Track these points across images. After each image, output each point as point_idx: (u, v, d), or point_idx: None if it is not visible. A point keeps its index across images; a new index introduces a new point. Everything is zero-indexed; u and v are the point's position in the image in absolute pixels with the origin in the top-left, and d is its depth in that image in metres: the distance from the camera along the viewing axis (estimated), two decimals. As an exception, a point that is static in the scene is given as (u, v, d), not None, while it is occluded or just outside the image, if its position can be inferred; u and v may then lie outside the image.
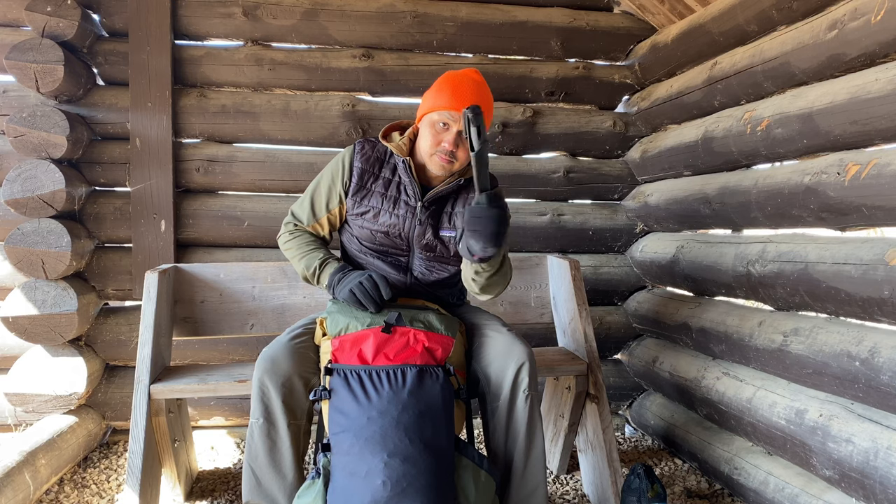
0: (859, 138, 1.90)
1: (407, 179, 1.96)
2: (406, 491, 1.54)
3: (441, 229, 1.99)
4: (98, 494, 2.42)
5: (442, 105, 1.86)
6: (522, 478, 1.86)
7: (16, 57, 2.54)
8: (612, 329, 3.21)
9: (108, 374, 2.90)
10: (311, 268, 1.99)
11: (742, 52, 2.43)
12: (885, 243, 1.81)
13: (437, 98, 1.88)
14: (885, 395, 1.73)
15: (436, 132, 1.89)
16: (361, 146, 2.02)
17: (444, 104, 1.86)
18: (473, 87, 1.89)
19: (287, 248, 2.07)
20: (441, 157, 1.89)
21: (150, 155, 2.84)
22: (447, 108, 1.85)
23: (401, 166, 1.96)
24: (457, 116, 1.85)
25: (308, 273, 2.00)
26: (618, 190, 3.26)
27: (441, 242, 2.00)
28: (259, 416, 1.80)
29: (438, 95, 1.89)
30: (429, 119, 1.90)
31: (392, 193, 1.97)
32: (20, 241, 2.57)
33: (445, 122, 1.87)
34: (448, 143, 1.87)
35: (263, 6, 2.94)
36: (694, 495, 2.47)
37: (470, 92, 1.87)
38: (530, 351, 1.87)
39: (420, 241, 1.98)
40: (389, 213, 1.96)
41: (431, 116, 1.89)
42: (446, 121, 1.87)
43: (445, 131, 1.88)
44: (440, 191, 1.96)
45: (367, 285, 1.84)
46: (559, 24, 3.14)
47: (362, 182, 1.98)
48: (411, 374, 1.70)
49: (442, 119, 1.87)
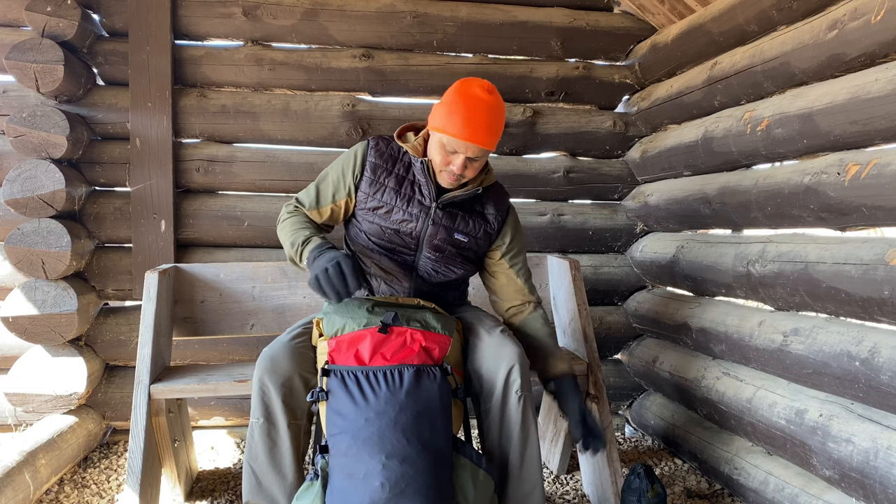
0: (859, 138, 1.90)
1: (423, 180, 1.95)
2: (405, 492, 1.54)
3: (455, 232, 1.99)
4: (98, 494, 2.42)
5: (452, 132, 1.82)
6: (519, 477, 1.86)
7: (16, 57, 2.55)
8: (612, 329, 3.21)
9: (108, 374, 2.90)
10: (294, 244, 1.90)
11: (742, 52, 2.43)
12: (885, 243, 1.80)
13: (448, 121, 1.83)
14: (885, 395, 1.73)
15: (445, 153, 1.87)
16: (376, 142, 2.01)
17: (454, 132, 1.81)
18: (486, 116, 1.82)
19: (281, 227, 2.00)
20: (449, 175, 1.89)
21: (150, 155, 2.84)
22: (457, 137, 1.81)
23: (418, 167, 1.95)
24: (464, 147, 1.82)
25: (292, 251, 1.91)
26: (618, 190, 3.26)
27: (452, 245, 2.00)
28: (259, 415, 1.80)
29: (449, 118, 1.82)
30: (438, 138, 1.87)
31: (406, 192, 1.96)
32: (20, 241, 2.57)
33: (454, 149, 1.85)
34: (457, 167, 1.86)
35: (263, 6, 2.94)
36: (694, 495, 2.47)
37: (483, 123, 1.81)
38: (521, 351, 1.87)
39: (431, 241, 1.98)
40: (403, 211, 1.96)
41: (442, 137, 1.85)
42: (455, 148, 1.84)
43: (454, 154, 1.86)
44: (457, 196, 1.96)
45: (333, 273, 1.73)
46: (559, 24, 3.14)
47: (375, 176, 1.97)
48: (408, 374, 1.69)
49: (451, 145, 1.84)
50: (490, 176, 2.05)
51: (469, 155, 1.84)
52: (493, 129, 1.85)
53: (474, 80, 1.88)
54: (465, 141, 1.81)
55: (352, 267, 1.76)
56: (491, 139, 1.85)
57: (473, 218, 2.02)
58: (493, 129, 1.85)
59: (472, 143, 1.82)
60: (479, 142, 1.82)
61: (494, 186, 2.07)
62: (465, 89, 1.86)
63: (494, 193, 2.06)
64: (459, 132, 1.81)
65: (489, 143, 1.84)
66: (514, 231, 2.09)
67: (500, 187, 2.10)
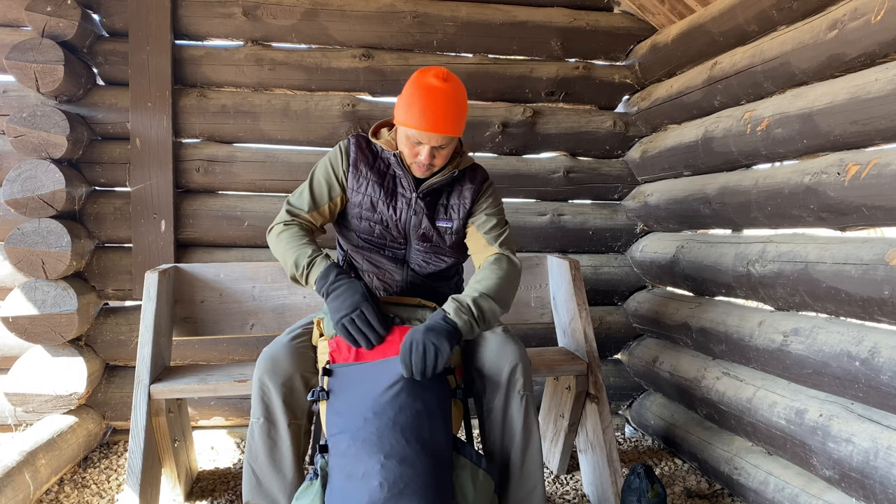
0: (859, 138, 1.90)
1: (401, 172, 1.96)
2: (403, 492, 1.54)
3: (437, 220, 2.00)
4: (98, 494, 2.42)
5: (413, 124, 1.83)
6: (520, 477, 1.86)
7: (16, 57, 2.54)
8: (612, 329, 3.21)
9: (108, 374, 2.90)
10: (299, 266, 1.88)
11: (742, 52, 2.43)
12: (885, 243, 1.80)
13: (408, 114, 1.84)
14: (885, 395, 1.73)
15: (411, 145, 1.88)
16: (356, 139, 2.03)
17: (414, 124, 1.82)
18: (444, 105, 1.82)
19: (277, 241, 1.96)
20: (419, 167, 1.90)
21: (150, 155, 2.84)
22: (418, 129, 1.82)
23: (393, 160, 1.96)
24: (427, 137, 1.83)
25: (296, 273, 1.89)
26: (618, 190, 3.26)
27: (437, 232, 2.01)
28: (259, 415, 1.80)
29: (409, 111, 1.84)
30: (403, 131, 1.88)
31: (388, 185, 1.98)
32: (20, 241, 2.57)
33: (419, 140, 1.85)
34: (424, 157, 1.87)
35: (263, 6, 2.94)
36: (694, 495, 2.47)
37: (441, 111, 1.82)
38: (523, 351, 1.87)
39: (417, 231, 1.99)
40: (387, 205, 1.97)
41: (406, 130, 1.87)
42: (419, 139, 1.85)
43: (419, 146, 1.87)
44: (434, 182, 1.97)
45: (360, 323, 1.76)
46: (559, 24, 3.14)
47: (359, 170, 1.98)
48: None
49: (415, 138, 1.85)
50: (466, 159, 2.04)
51: (433, 144, 1.85)
52: (451, 115, 1.85)
53: (430, 70, 1.88)
54: (426, 132, 1.82)
55: (374, 311, 1.77)
56: (452, 126, 1.85)
57: (454, 202, 2.02)
58: (451, 115, 1.85)
59: (433, 132, 1.83)
60: (439, 130, 1.83)
61: (471, 167, 2.06)
62: (421, 80, 1.86)
63: (471, 173, 2.05)
64: (419, 123, 1.82)
65: (451, 129, 1.85)
66: (487, 200, 2.04)
67: (477, 167, 2.09)
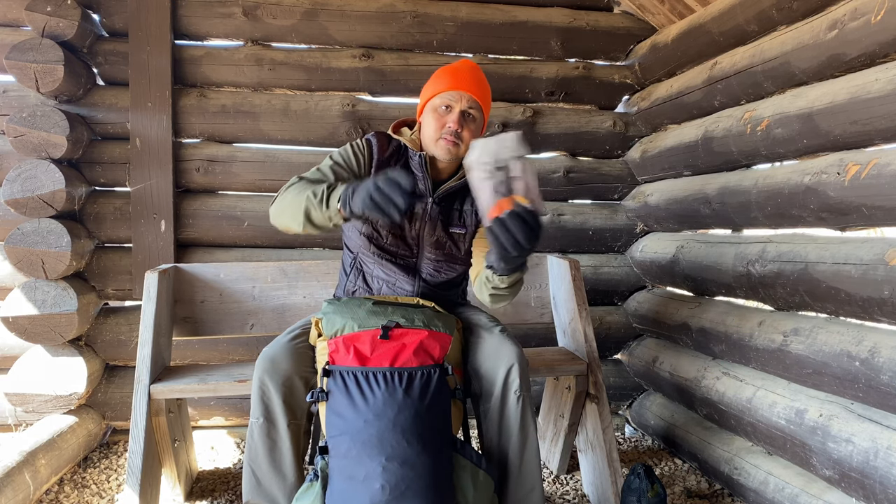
0: (859, 138, 1.90)
1: (420, 175, 1.96)
2: (405, 494, 1.54)
3: (451, 226, 2.00)
4: (98, 494, 2.42)
5: (442, 88, 1.91)
6: (518, 478, 1.86)
7: (16, 57, 2.55)
8: (612, 329, 3.21)
9: (108, 374, 2.90)
10: (317, 194, 1.70)
11: (742, 52, 2.43)
12: (885, 243, 1.81)
13: (437, 84, 1.93)
14: (885, 395, 1.73)
15: (439, 116, 1.92)
16: (377, 137, 2.01)
17: (444, 87, 1.91)
18: (471, 71, 1.94)
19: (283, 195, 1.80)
20: (446, 139, 1.91)
21: (150, 155, 2.84)
22: (448, 90, 1.90)
23: (415, 161, 1.96)
24: (458, 97, 1.89)
25: (315, 201, 1.69)
26: (618, 190, 3.26)
27: (451, 239, 2.01)
28: (259, 415, 1.79)
29: (437, 82, 1.94)
30: (431, 105, 1.95)
31: None
32: (20, 241, 2.57)
33: (448, 105, 1.91)
34: (452, 122, 1.90)
35: (263, 6, 2.94)
36: (694, 495, 2.47)
37: (469, 75, 1.93)
38: (521, 351, 1.86)
39: (430, 238, 1.99)
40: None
41: (433, 102, 1.94)
42: (448, 103, 1.91)
43: (448, 113, 1.92)
44: (451, 187, 1.98)
45: (385, 185, 1.51)
46: (559, 24, 3.14)
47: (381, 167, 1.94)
48: (407, 374, 1.69)
49: (444, 102, 1.91)
50: None
51: (463, 107, 1.90)
52: (481, 83, 1.94)
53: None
54: (456, 90, 1.88)
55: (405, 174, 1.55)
56: (481, 91, 1.92)
57: (467, 207, 2.02)
58: (481, 83, 1.94)
59: (464, 91, 1.89)
60: (470, 90, 1.89)
61: None
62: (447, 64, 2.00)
63: None
64: (449, 84, 1.90)
65: (480, 94, 1.92)
66: None
67: None
